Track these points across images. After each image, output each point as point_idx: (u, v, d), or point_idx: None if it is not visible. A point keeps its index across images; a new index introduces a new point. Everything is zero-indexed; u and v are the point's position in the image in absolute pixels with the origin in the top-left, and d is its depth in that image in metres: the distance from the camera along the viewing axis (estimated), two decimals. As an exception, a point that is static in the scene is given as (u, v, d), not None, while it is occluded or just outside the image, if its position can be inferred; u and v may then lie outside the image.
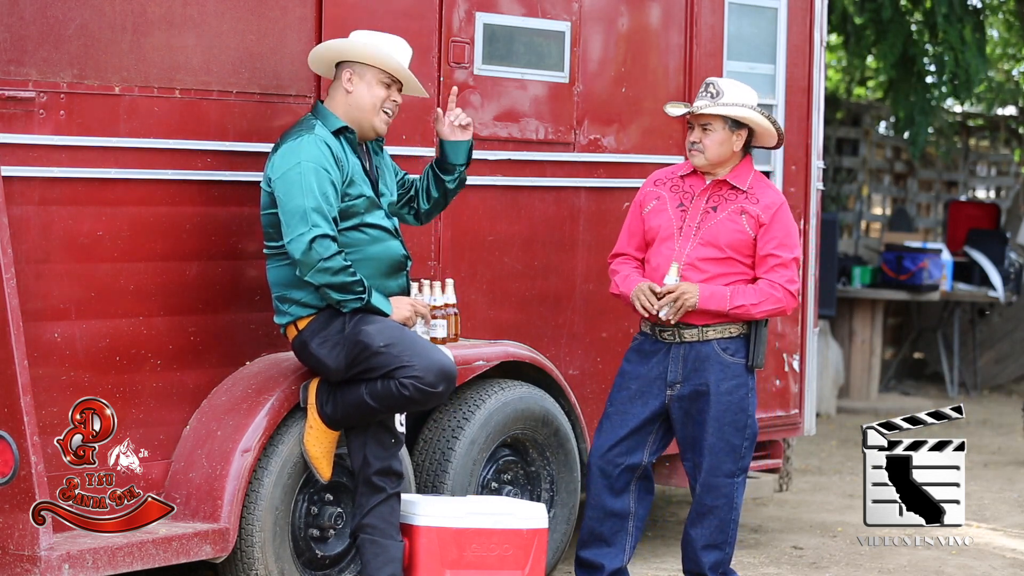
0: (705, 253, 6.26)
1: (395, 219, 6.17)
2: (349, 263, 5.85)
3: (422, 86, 6.18)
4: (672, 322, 6.23)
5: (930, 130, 13.81)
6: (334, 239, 5.81)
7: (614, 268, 6.48)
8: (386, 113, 6.06)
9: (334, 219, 5.85)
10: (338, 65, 6.07)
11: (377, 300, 5.96)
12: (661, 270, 6.30)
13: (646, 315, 6.28)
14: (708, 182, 6.35)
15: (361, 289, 5.88)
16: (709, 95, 6.29)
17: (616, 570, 6.42)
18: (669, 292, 6.20)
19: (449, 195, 6.34)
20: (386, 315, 5.96)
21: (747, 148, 6.39)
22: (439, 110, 6.34)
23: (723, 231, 6.27)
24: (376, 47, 6.00)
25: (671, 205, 6.36)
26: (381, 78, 6.02)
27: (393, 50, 6.03)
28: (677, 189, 6.40)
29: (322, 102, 6.07)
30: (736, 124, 6.30)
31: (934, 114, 13.75)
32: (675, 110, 6.40)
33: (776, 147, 6.47)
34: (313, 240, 5.77)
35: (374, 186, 6.08)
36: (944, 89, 13.39)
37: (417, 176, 6.36)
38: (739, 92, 6.31)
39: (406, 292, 6.17)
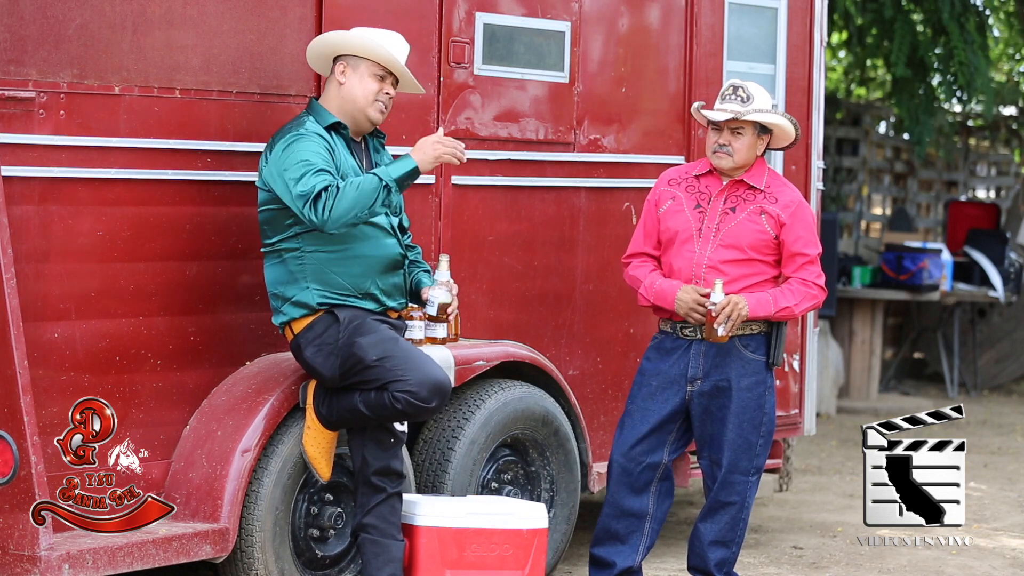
0: (727, 255, 6.24)
1: (394, 218, 6.11)
2: (345, 185, 5.71)
3: (417, 82, 6.14)
4: (729, 337, 6.19)
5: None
6: (331, 185, 5.70)
7: (633, 274, 6.41)
8: (380, 102, 6.01)
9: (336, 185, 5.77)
10: (335, 60, 6.05)
11: (397, 169, 5.83)
12: (683, 274, 6.27)
13: (694, 323, 6.23)
14: (725, 183, 6.33)
15: (375, 186, 5.74)
16: (739, 99, 6.22)
17: (628, 568, 6.40)
18: (723, 308, 6.14)
19: None
20: (418, 172, 5.84)
21: None
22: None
23: (744, 232, 6.25)
24: (369, 39, 5.97)
25: (688, 206, 6.32)
26: (374, 70, 5.98)
27: (387, 43, 5.99)
28: (693, 189, 6.36)
29: (316, 99, 6.06)
30: (763, 129, 6.28)
31: (938, 114, 13.73)
32: (718, 115, 6.22)
33: (788, 148, 6.46)
34: (312, 203, 5.68)
35: None
36: (956, 87, 13.34)
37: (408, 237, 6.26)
38: (764, 97, 6.27)
39: (403, 290, 6.15)
